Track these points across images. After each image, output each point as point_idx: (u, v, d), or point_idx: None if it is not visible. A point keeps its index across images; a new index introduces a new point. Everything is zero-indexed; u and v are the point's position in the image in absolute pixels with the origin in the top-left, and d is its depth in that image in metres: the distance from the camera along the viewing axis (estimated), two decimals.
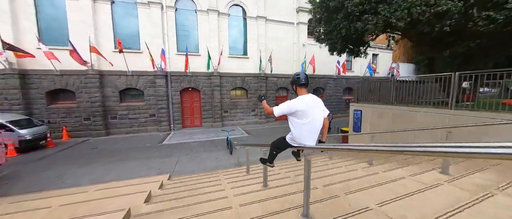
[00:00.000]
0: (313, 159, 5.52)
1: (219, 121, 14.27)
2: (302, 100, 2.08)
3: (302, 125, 2.09)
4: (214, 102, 14.02)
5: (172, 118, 13.32)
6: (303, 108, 2.04)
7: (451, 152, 0.78)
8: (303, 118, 2.06)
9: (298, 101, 2.08)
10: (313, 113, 2.08)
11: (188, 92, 13.92)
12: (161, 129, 12.85)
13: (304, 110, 2.04)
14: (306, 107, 2.05)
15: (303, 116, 2.06)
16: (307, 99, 2.09)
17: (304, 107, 2.04)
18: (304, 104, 2.05)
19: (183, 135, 11.78)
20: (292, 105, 2.08)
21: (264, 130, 13.17)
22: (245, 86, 15.08)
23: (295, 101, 2.09)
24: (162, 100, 12.78)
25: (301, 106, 2.04)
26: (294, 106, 2.07)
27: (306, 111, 2.05)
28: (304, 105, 2.05)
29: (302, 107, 2.04)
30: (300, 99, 2.09)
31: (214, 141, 10.35)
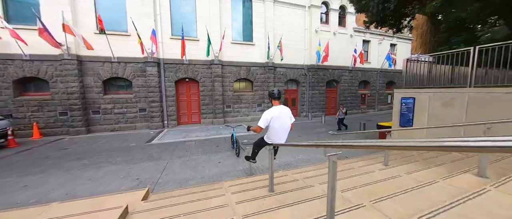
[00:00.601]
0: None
1: (220, 117, 12.36)
2: (274, 110, 2.88)
3: (275, 127, 2.90)
4: (214, 95, 12.11)
5: (166, 114, 11.42)
6: (276, 115, 2.85)
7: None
8: (276, 123, 2.86)
9: (271, 111, 2.88)
10: (283, 119, 2.90)
11: (184, 83, 12.02)
12: (152, 126, 10.95)
13: (277, 117, 2.85)
14: (278, 115, 2.86)
15: (276, 122, 2.86)
16: (278, 109, 2.89)
17: (277, 114, 2.85)
18: (276, 113, 2.86)
19: (178, 133, 9.89)
20: (268, 115, 2.85)
21: None
22: (251, 77, 13.16)
23: (269, 111, 2.88)
24: (154, 92, 10.87)
25: (274, 114, 2.85)
26: (269, 115, 2.85)
27: (278, 118, 2.85)
28: (276, 113, 2.85)
29: (275, 114, 2.85)
30: (273, 109, 2.90)
31: (216, 140, 8.45)
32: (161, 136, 9.31)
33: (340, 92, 16.29)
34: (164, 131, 10.50)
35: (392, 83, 19.37)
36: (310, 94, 14.88)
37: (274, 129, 2.90)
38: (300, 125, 11.71)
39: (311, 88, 14.81)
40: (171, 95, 11.46)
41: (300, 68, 14.65)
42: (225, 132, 9.97)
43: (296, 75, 14.57)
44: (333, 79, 15.74)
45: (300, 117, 14.95)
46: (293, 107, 15.26)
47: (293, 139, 8.47)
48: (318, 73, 14.93)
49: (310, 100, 14.95)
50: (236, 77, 12.78)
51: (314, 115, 14.73)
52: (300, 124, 12.32)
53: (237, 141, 6.53)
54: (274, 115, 2.82)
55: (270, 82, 13.35)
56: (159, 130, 10.78)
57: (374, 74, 17.82)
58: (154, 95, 10.87)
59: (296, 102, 15.30)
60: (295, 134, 9.41)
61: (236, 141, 6.54)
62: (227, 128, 11.09)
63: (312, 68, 14.63)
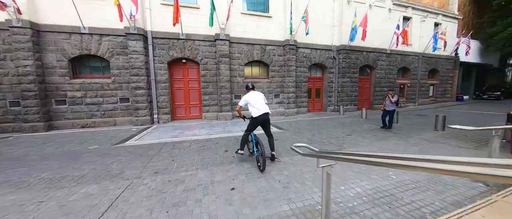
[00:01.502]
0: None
1: (227, 110, 9.47)
2: (249, 95, 3.80)
3: (252, 102, 3.73)
4: (220, 82, 9.23)
5: (156, 105, 8.64)
6: (252, 98, 3.75)
7: None
8: (252, 99, 3.73)
9: (247, 95, 3.81)
10: (257, 101, 3.74)
11: (181, 66, 9.22)
12: (137, 122, 8.19)
13: (252, 99, 3.73)
14: (251, 98, 3.74)
15: (251, 99, 3.74)
16: (252, 94, 3.79)
17: (251, 98, 3.75)
18: (250, 97, 3.75)
19: (169, 130, 7.07)
20: (245, 98, 3.79)
21: (300, 123, 8.26)
22: (266, 59, 10.20)
23: (246, 95, 3.82)
24: (139, 76, 8.10)
25: (249, 98, 3.76)
26: (246, 99, 3.77)
27: (253, 101, 3.72)
28: (250, 98, 3.75)
29: (250, 98, 3.75)
30: (248, 94, 3.82)
31: (222, 141, 5.55)
32: (144, 134, 6.51)
33: (376, 81, 13.08)
34: (152, 127, 7.71)
35: (435, 71, 15.93)
36: (340, 83, 11.77)
37: (252, 103, 3.72)
38: (335, 121, 8.68)
39: (342, 75, 11.70)
40: (163, 80, 8.67)
41: (327, 50, 11.57)
42: (236, 130, 7.07)
43: (322, 59, 11.49)
44: (367, 64, 12.55)
45: (326, 112, 11.89)
46: (317, 100, 12.21)
47: (346, 142, 5.45)
48: (350, 56, 11.81)
49: (340, 90, 11.84)
50: (248, 59, 9.85)
51: (345, 109, 11.63)
52: (333, 120, 9.25)
53: (258, 143, 3.57)
54: (249, 98, 3.75)
55: (291, 66, 10.35)
56: (146, 126, 8.00)
57: (415, 59, 14.48)
58: (140, 80, 8.09)
59: (321, 93, 12.23)
60: (340, 132, 6.38)
61: (257, 144, 3.61)
62: (237, 124, 8.20)
63: (343, 50, 11.52)
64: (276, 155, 3.99)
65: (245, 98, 3.75)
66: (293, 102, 10.59)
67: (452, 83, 17.02)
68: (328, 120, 9.09)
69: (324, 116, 10.24)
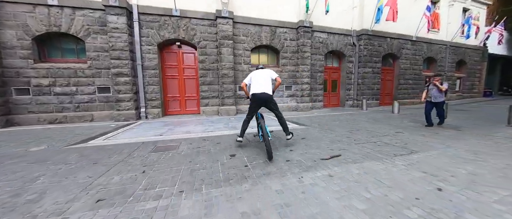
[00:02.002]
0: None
1: (230, 104, 7.89)
2: (254, 72, 3.40)
3: (252, 84, 3.28)
4: (222, 69, 7.65)
5: (143, 96, 7.07)
6: (255, 75, 3.33)
7: None
8: (253, 81, 3.30)
9: (252, 72, 3.41)
10: (258, 78, 3.26)
11: (174, 50, 7.65)
12: (120, 117, 6.63)
13: (254, 76, 3.32)
14: (254, 75, 3.33)
15: (253, 80, 3.30)
16: (257, 71, 3.37)
17: (254, 75, 3.33)
18: (254, 74, 3.35)
19: (156, 127, 5.48)
20: (250, 75, 3.41)
21: (323, 119, 6.66)
22: (276, 43, 8.61)
23: (251, 73, 3.40)
24: (122, 60, 6.55)
25: (253, 74, 3.35)
26: (250, 75, 3.39)
27: (254, 78, 3.31)
28: (254, 74, 3.35)
29: (253, 75, 3.34)
30: (253, 72, 3.40)
31: (225, 141, 3.97)
32: (121, 131, 4.94)
33: (399, 72, 11.42)
34: (137, 124, 6.16)
35: (462, 63, 14.22)
36: (361, 74, 10.15)
37: (253, 80, 3.31)
38: (363, 116, 7.04)
39: (362, 64, 10.07)
40: (152, 66, 7.11)
41: (346, 35, 9.94)
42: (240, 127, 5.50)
43: (340, 45, 9.87)
44: (390, 52, 10.90)
45: (344, 107, 10.27)
46: (333, 94, 10.59)
47: (410, 142, 3.83)
48: (372, 42, 10.18)
49: (360, 82, 10.21)
50: (255, 43, 8.27)
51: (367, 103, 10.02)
52: (361, 115, 7.63)
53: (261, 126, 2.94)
54: (254, 73, 3.37)
55: (305, 52, 8.74)
56: (130, 122, 6.45)
57: (443, 49, 12.79)
58: (122, 64, 6.54)
59: (338, 85, 10.60)
60: (385, 129, 4.74)
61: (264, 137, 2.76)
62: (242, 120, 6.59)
63: (365, 35, 9.89)
64: (311, 162, 2.41)
65: (250, 74, 3.44)
66: (307, 95, 8.99)
67: (480, 77, 15.29)
68: (354, 115, 7.46)
69: (344, 112, 8.62)
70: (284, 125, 3.29)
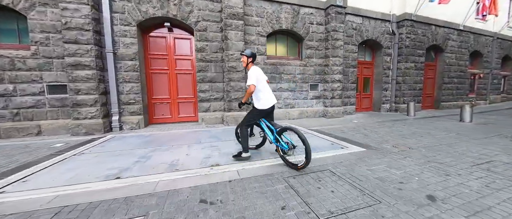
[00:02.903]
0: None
1: (238, 109, 5.77)
2: (257, 70, 2.53)
3: (262, 85, 2.53)
4: (228, 61, 5.52)
5: (117, 99, 4.94)
6: (260, 72, 2.56)
7: None
8: (262, 87, 2.53)
9: (257, 69, 2.53)
10: (266, 83, 2.61)
11: (162, 34, 5.54)
12: (79, 128, 4.47)
13: (260, 73, 2.57)
14: (261, 77, 2.57)
15: (262, 86, 2.52)
16: (259, 70, 2.57)
17: (260, 72, 2.57)
18: (259, 71, 2.57)
19: (124, 151, 3.28)
20: (256, 71, 2.48)
21: (372, 130, 4.55)
22: (299, 28, 6.51)
23: (255, 69, 2.51)
24: (81, 44, 4.42)
25: (259, 71, 2.55)
26: (257, 72, 2.49)
27: (262, 81, 2.55)
28: (259, 71, 2.57)
29: (259, 71, 2.55)
30: (256, 68, 2.55)
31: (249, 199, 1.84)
32: (60, 160, 2.80)
33: (443, 69, 9.31)
34: (104, 139, 4.03)
35: (506, 59, 12.12)
36: (401, 69, 8.05)
37: (263, 87, 2.55)
38: (428, 126, 4.92)
39: (404, 57, 7.99)
40: (130, 56, 4.99)
41: (383, 20, 7.86)
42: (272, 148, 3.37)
43: (376, 33, 7.79)
44: (435, 43, 8.82)
45: (380, 112, 8.17)
46: (364, 95, 8.48)
47: None
48: (416, 30, 8.10)
49: (400, 79, 8.11)
50: (272, 26, 6.17)
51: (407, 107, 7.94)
52: (421, 125, 5.51)
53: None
54: (259, 72, 2.55)
55: (337, 40, 6.64)
56: (94, 137, 4.33)
57: (489, 41, 10.72)
58: (83, 52, 4.43)
59: (371, 84, 8.50)
60: None
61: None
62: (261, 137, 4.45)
63: (407, 21, 7.81)
64: None
65: (255, 74, 2.45)
66: (338, 97, 6.87)
67: None
68: (414, 125, 5.34)
69: (388, 118, 6.51)
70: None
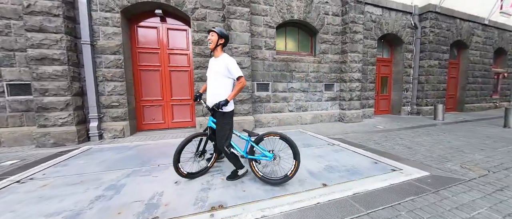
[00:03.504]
0: None
1: (245, 113, 4.87)
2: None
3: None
4: (232, 57, 4.66)
5: (95, 99, 4.04)
6: None
7: None
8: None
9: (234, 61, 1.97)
10: None
11: (152, 23, 4.63)
12: (45, 138, 3.57)
13: None
14: None
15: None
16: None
17: None
18: None
19: (92, 176, 2.43)
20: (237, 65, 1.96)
21: (400, 135, 3.70)
22: (313, 19, 5.63)
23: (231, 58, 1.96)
24: (48, 33, 3.54)
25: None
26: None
27: None
28: None
29: None
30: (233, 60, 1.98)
31: None
32: None
33: (467, 67, 8.43)
34: (75, 153, 3.15)
35: None
36: (424, 67, 7.19)
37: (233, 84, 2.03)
38: (480, 136, 4.02)
39: (427, 54, 7.13)
40: (113, 49, 4.09)
41: (405, 12, 7.00)
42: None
43: (397, 27, 6.93)
44: (459, 39, 7.97)
45: (400, 115, 7.30)
46: (382, 96, 7.61)
47: None
48: (441, 24, 7.25)
49: (422, 79, 7.24)
50: (282, 17, 5.30)
51: (431, 108, 7.08)
52: (456, 132, 4.63)
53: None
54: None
55: (356, 33, 5.76)
56: (66, 150, 3.44)
57: None
58: (51, 42, 3.54)
59: (389, 84, 7.63)
60: None
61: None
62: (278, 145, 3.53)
63: (431, 13, 6.97)
64: None
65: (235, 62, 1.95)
66: (357, 98, 5.99)
67: None
68: (452, 132, 4.46)
69: (414, 123, 5.63)
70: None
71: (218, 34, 1.89)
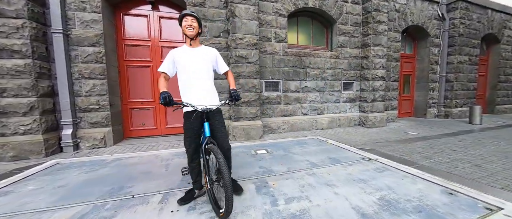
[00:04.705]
0: None
1: (252, 117, 4.11)
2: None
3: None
4: (236, 49, 3.85)
5: (69, 101, 3.30)
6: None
7: None
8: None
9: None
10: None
11: (141, 10, 3.90)
12: (5, 151, 2.85)
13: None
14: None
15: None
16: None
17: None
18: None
19: (55, 184, 1.70)
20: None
21: (446, 144, 2.89)
22: (330, 7, 4.82)
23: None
24: (7, 17, 2.85)
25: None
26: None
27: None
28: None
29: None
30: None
31: None
32: None
33: (498, 64, 7.54)
34: (32, 172, 2.41)
35: None
36: (453, 64, 6.33)
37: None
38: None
39: (457, 49, 6.28)
40: (91, 39, 3.36)
41: (430, 1, 6.18)
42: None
43: (423, 18, 6.11)
44: (491, 32, 7.09)
45: (423, 118, 6.44)
46: (404, 96, 6.76)
47: None
48: (471, 15, 6.40)
49: (451, 77, 6.39)
50: (294, 4, 4.52)
51: (460, 112, 6.22)
52: None
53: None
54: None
55: (380, 23, 4.96)
56: (29, 164, 2.71)
57: None
58: (10, 30, 2.83)
59: (411, 83, 6.79)
60: None
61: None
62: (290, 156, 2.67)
63: (461, 3, 6.12)
64: None
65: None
66: (381, 99, 5.16)
67: None
68: (500, 139, 3.60)
69: (449, 128, 4.78)
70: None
71: (198, 20, 1.59)
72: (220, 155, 1.34)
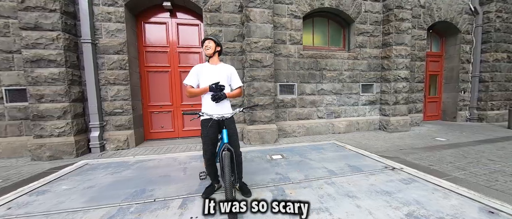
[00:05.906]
0: None
1: (267, 120, 4.08)
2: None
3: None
4: (251, 53, 3.85)
5: (97, 106, 3.55)
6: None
7: None
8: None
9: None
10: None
11: (160, 18, 4.07)
12: (40, 150, 3.13)
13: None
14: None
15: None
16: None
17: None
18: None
19: (84, 185, 1.86)
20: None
21: (490, 152, 2.60)
22: (347, 6, 4.64)
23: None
24: (45, 30, 3.13)
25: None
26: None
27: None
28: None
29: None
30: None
31: None
32: None
33: None
34: (64, 172, 2.64)
35: None
36: (488, 63, 5.74)
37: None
38: None
39: (492, 46, 5.69)
40: (116, 48, 3.58)
41: None
42: None
43: (452, 13, 5.62)
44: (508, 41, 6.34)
45: (453, 122, 5.92)
46: (430, 98, 6.28)
47: None
48: (509, 7, 5.77)
49: (486, 76, 5.80)
50: (309, 5, 4.42)
51: (496, 115, 5.61)
52: None
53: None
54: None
55: (403, 21, 4.66)
56: (62, 164, 2.96)
57: None
58: (47, 41, 3.12)
59: (438, 84, 6.29)
60: None
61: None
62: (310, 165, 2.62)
63: None
64: None
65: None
66: (404, 102, 4.85)
67: None
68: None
69: (485, 135, 4.33)
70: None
71: (214, 41, 1.82)
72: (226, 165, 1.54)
